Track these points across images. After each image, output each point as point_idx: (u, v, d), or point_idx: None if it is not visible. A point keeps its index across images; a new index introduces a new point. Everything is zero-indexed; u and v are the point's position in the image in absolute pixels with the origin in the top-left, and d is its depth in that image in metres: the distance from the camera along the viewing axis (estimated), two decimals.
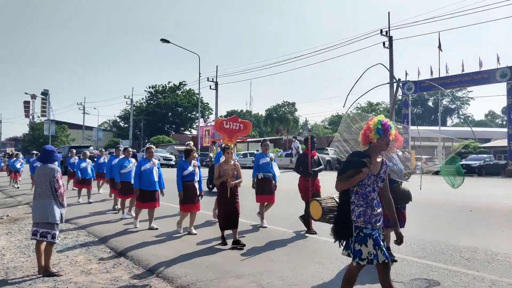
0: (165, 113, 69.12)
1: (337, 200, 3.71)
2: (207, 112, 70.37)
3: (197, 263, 5.59)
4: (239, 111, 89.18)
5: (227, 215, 6.40)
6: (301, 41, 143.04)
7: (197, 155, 8.23)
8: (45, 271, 5.19)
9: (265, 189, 8.06)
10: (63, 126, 70.13)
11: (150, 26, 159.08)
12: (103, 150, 15.54)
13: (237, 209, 6.51)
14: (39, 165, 5.63)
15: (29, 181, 15.94)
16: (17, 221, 9.38)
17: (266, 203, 8.18)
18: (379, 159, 3.58)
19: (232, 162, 6.68)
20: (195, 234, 7.36)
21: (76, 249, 6.65)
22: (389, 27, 27.84)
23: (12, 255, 6.29)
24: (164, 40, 35.27)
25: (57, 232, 5.32)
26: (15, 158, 18.56)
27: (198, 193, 7.46)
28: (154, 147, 8.64)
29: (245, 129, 7.11)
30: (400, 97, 34.07)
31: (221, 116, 70.92)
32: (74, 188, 15.06)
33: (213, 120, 52.48)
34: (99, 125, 75.69)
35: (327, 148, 39.59)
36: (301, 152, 25.93)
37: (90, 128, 70.05)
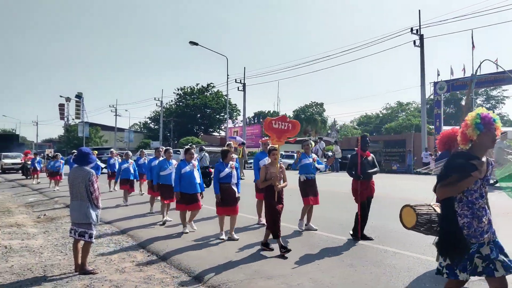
0: (194, 115, 69.88)
1: (436, 208, 3.40)
2: (235, 113, 70.73)
3: (228, 263, 5.65)
4: (266, 112, 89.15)
5: (278, 220, 6.13)
6: (329, 41, 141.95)
7: (236, 156, 7.99)
8: (82, 269, 5.37)
9: (310, 191, 7.74)
10: (96, 128, 72.03)
11: (179, 29, 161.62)
12: (144, 151, 15.03)
13: (281, 213, 6.23)
14: (74, 166, 5.80)
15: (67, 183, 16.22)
16: (54, 220, 9.71)
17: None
18: (483, 159, 3.13)
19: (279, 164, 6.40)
20: (237, 239, 7.03)
21: (110, 248, 6.83)
22: (419, 25, 27.21)
23: (50, 253, 6.53)
24: (192, 43, 35.65)
25: (94, 232, 5.49)
26: (55, 160, 18.18)
27: (235, 196, 7.13)
28: (194, 147, 8.43)
29: (294, 129, 6.72)
30: (432, 97, 33.33)
31: (248, 117, 71.40)
32: (114, 189, 15.53)
33: (241, 121, 52.68)
34: (130, 126, 77.42)
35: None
36: (329, 153, 25.57)
37: (122, 130, 71.67)
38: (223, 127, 68.09)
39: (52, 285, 4.92)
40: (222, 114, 69.00)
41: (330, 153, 25.32)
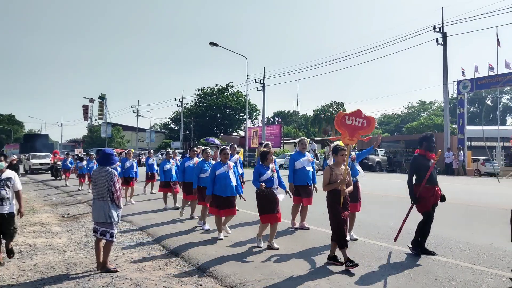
0: (214, 115, 70.31)
1: None
2: (254, 114, 70.85)
3: (246, 264, 5.69)
4: (286, 111, 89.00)
5: (342, 228, 5.39)
6: (349, 40, 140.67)
7: (274, 158, 7.50)
8: (103, 267, 5.48)
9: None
10: (118, 128, 73.29)
11: (199, 30, 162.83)
12: (176, 151, 14.19)
13: (346, 221, 5.52)
14: (97, 167, 5.93)
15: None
16: (77, 219, 9.94)
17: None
18: None
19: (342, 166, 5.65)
20: (277, 248, 6.42)
21: (132, 247, 6.95)
22: (442, 23, 26.77)
23: (73, 252, 6.69)
24: (212, 44, 35.89)
25: (115, 231, 5.60)
26: (88, 159, 17.30)
27: (277, 201, 6.50)
28: (229, 148, 7.91)
29: (369, 126, 5.92)
30: (455, 96, 32.66)
31: (268, 118, 71.31)
32: (153, 192, 14.81)
33: (260, 121, 52.64)
34: (151, 127, 78.46)
35: (377, 149, 38.77)
36: (319, 155, 25.11)
37: (143, 130, 72.69)
38: (242, 127, 68.26)
39: (74, 283, 5.05)
40: (242, 114, 69.22)
41: (320, 155, 25.06)
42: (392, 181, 18.41)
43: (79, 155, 22.95)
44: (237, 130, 73.29)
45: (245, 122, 55.35)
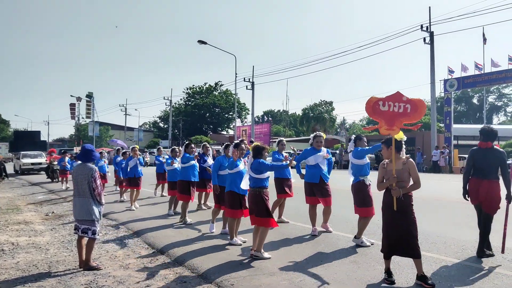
0: (202, 114, 70.13)
1: None
2: (243, 112, 70.84)
3: (230, 260, 5.65)
4: (276, 110, 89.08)
5: (394, 237, 4.56)
6: (338, 39, 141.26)
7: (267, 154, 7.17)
8: (86, 265, 5.40)
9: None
10: (107, 127, 72.65)
11: (188, 28, 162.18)
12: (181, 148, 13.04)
13: (410, 230, 4.48)
14: (77, 163, 5.81)
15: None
16: (62, 218, 9.80)
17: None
18: None
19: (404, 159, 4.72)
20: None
21: (116, 245, 6.86)
22: (430, 22, 27.00)
23: (56, 250, 6.58)
24: (201, 42, 35.77)
25: (98, 228, 5.51)
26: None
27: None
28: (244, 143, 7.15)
29: (415, 111, 4.77)
30: (442, 95, 33.00)
31: (257, 116, 71.29)
32: (163, 194, 13.11)
33: (250, 120, 52.60)
34: (140, 125, 77.89)
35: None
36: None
37: (131, 129, 72.22)
38: (231, 126, 68.20)
39: (56, 281, 4.96)
40: (231, 113, 69.18)
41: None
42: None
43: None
44: (226, 129, 73.21)
45: (234, 121, 55.24)
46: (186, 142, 9.28)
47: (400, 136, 4.83)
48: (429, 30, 27.08)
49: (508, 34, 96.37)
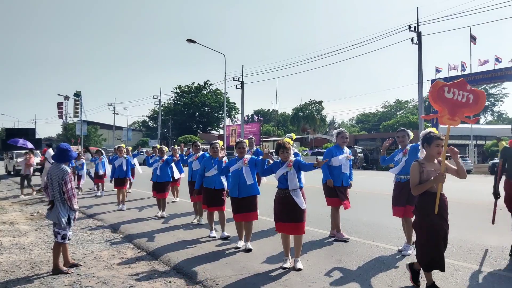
0: (192, 113, 69.93)
1: None
2: (233, 112, 70.80)
3: (216, 260, 5.63)
4: (266, 110, 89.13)
5: (435, 245, 4.03)
6: (327, 39, 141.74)
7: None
8: (54, 269, 5.21)
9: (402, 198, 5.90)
10: (95, 127, 71.97)
11: (177, 27, 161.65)
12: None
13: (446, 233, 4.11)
14: (52, 163, 5.51)
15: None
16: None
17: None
18: None
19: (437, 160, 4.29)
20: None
21: (101, 245, 6.80)
22: (417, 23, 27.25)
23: (40, 251, 6.49)
24: (190, 41, 35.61)
25: (68, 233, 5.25)
26: (95, 157, 15.24)
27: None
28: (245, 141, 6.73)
29: (477, 103, 4.30)
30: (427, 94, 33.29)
31: (247, 116, 71.30)
32: (174, 200, 12.04)
33: (239, 119, 52.52)
34: (129, 125, 77.41)
35: (354, 146, 39.28)
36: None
37: (120, 128, 71.76)
38: (221, 125, 68.12)
39: (39, 282, 4.88)
40: (221, 113, 69.13)
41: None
42: (367, 178, 18.65)
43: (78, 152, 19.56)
44: (216, 128, 73.11)
45: (224, 120, 55.16)
46: (193, 141, 9.07)
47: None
48: (417, 30, 27.33)
49: (494, 35, 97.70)
